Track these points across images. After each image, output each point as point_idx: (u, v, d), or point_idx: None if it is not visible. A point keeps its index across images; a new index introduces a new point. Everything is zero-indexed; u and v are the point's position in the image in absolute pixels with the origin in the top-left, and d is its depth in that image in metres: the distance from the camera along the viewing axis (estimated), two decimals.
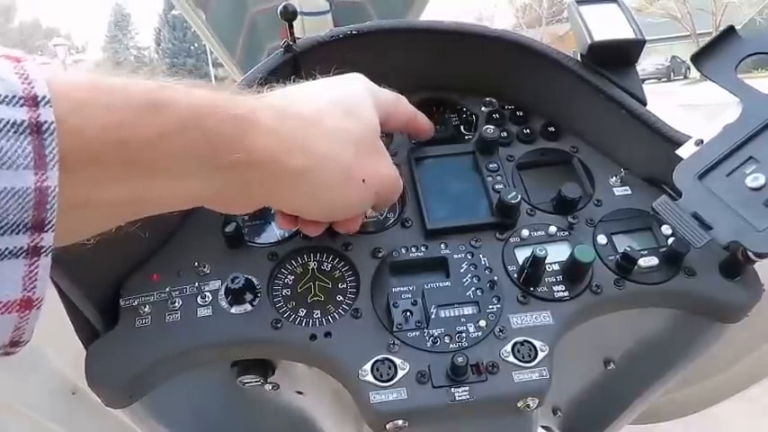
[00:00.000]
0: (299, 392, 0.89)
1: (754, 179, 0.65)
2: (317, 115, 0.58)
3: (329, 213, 0.65)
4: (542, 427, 1.17)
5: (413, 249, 0.79)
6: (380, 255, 0.78)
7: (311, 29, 0.82)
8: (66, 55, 16.04)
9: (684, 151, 0.72)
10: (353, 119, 0.62)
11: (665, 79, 28.31)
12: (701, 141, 0.71)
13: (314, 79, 0.66)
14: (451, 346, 0.70)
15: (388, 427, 0.66)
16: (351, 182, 0.60)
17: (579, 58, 0.87)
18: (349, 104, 0.63)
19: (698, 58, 0.74)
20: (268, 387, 0.85)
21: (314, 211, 0.63)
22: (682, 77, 29.25)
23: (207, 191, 0.51)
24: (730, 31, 0.73)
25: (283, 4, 0.82)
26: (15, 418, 0.95)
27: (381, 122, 0.68)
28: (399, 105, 0.75)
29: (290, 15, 0.84)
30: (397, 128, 0.77)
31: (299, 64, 0.87)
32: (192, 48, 46.36)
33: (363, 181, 0.61)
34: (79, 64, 16.41)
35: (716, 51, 0.73)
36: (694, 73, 27.62)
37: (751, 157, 0.66)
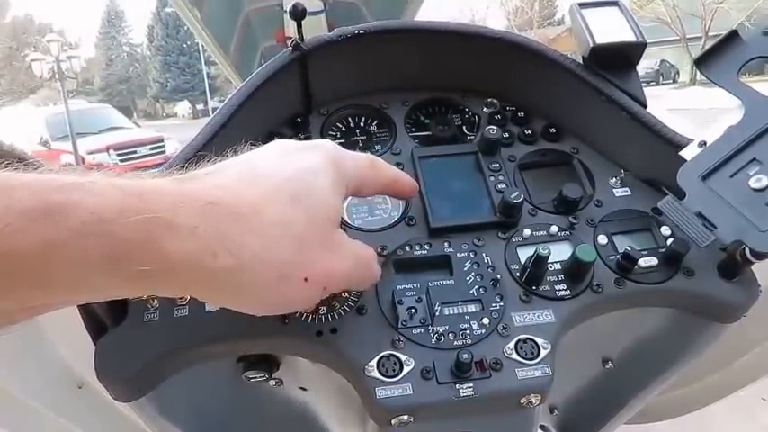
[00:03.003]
0: (303, 388, 0.90)
1: (757, 180, 0.66)
2: (255, 207, 0.51)
3: (264, 310, 0.56)
4: (540, 425, 1.18)
5: (417, 247, 0.80)
6: (385, 252, 0.79)
7: (305, 28, 0.83)
8: (59, 51, 15.94)
9: (688, 153, 0.74)
10: (301, 207, 0.53)
11: (654, 83, 28.52)
12: (705, 143, 0.72)
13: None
14: (455, 343, 0.70)
15: (393, 422, 0.67)
16: (288, 281, 0.52)
17: (581, 61, 0.88)
18: (299, 188, 0.54)
19: (701, 62, 0.75)
20: (272, 383, 0.85)
21: (245, 308, 0.55)
22: (671, 81, 29.47)
23: (114, 296, 0.47)
24: (733, 35, 0.74)
25: (293, 3, 0.83)
26: (21, 410, 0.95)
27: (353, 192, 0.63)
28: (375, 170, 0.66)
29: (299, 15, 0.85)
30: (374, 193, 0.69)
31: (306, 63, 0.88)
32: (185, 45, 46.32)
33: (306, 280, 0.53)
34: (72, 60, 16.34)
35: (719, 55, 0.74)
36: (683, 77, 27.83)
37: (754, 159, 0.68)
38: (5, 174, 0.39)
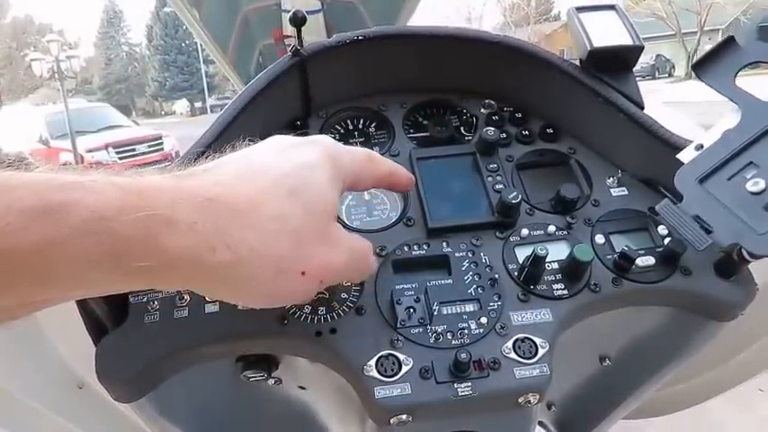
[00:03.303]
0: (302, 387, 0.90)
1: (754, 184, 0.66)
2: (253, 201, 0.51)
3: (263, 304, 0.56)
4: (537, 422, 1.19)
5: (415, 247, 0.80)
6: (384, 253, 0.79)
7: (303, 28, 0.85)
8: (58, 51, 16.00)
9: (685, 156, 0.74)
10: (299, 202, 0.54)
11: (650, 77, 28.76)
12: (702, 146, 0.73)
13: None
14: (454, 342, 0.71)
15: (392, 421, 0.67)
16: (285, 275, 0.53)
17: (578, 63, 0.89)
18: (297, 183, 0.55)
19: (698, 66, 0.75)
20: (271, 382, 0.86)
21: (244, 302, 0.56)
22: (666, 75, 29.67)
23: (113, 291, 0.47)
24: (730, 40, 0.75)
25: (293, 10, 0.84)
26: (22, 410, 0.96)
27: (350, 186, 0.63)
28: (372, 163, 0.67)
29: (299, 21, 0.86)
30: (371, 186, 0.70)
31: (305, 67, 0.88)
32: (183, 45, 46.30)
33: (303, 273, 0.54)
34: (72, 60, 16.41)
35: (716, 60, 0.75)
36: (679, 71, 27.93)
37: (751, 163, 0.68)
38: (6, 174, 0.39)
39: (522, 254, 0.79)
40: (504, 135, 0.94)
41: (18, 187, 0.38)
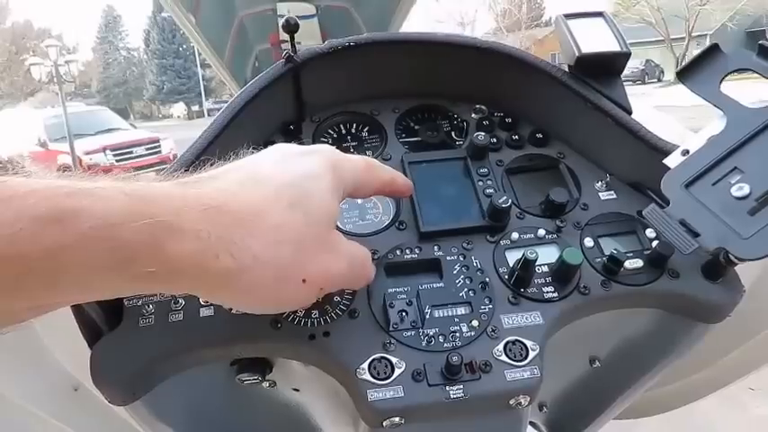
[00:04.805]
0: (296, 390, 0.91)
1: (738, 189, 0.67)
2: (256, 210, 0.53)
3: (264, 310, 0.58)
4: (529, 422, 1.20)
5: (407, 251, 0.81)
6: (376, 256, 0.80)
7: (299, 31, 0.85)
8: (57, 55, 16.03)
9: (671, 161, 0.75)
10: (300, 211, 0.55)
11: (640, 82, 29.11)
12: (687, 152, 0.74)
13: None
14: (446, 345, 0.71)
15: (384, 423, 0.68)
16: (286, 282, 0.54)
17: (567, 69, 0.90)
18: (299, 192, 0.56)
19: (683, 74, 0.76)
20: (265, 385, 0.86)
21: (245, 307, 0.57)
22: (656, 80, 30.01)
23: (119, 294, 0.49)
24: (714, 48, 0.76)
25: (285, 17, 0.85)
26: (18, 414, 0.96)
27: (351, 194, 0.65)
28: (371, 171, 0.68)
29: (292, 28, 0.87)
30: (370, 194, 0.71)
31: (299, 74, 0.89)
32: (180, 49, 46.39)
33: (304, 281, 0.55)
34: (70, 64, 16.46)
35: (701, 67, 0.76)
36: (668, 76, 28.19)
37: (736, 168, 0.69)
38: (18, 180, 0.40)
39: (513, 257, 0.80)
40: (495, 140, 0.95)
41: (29, 194, 0.39)
